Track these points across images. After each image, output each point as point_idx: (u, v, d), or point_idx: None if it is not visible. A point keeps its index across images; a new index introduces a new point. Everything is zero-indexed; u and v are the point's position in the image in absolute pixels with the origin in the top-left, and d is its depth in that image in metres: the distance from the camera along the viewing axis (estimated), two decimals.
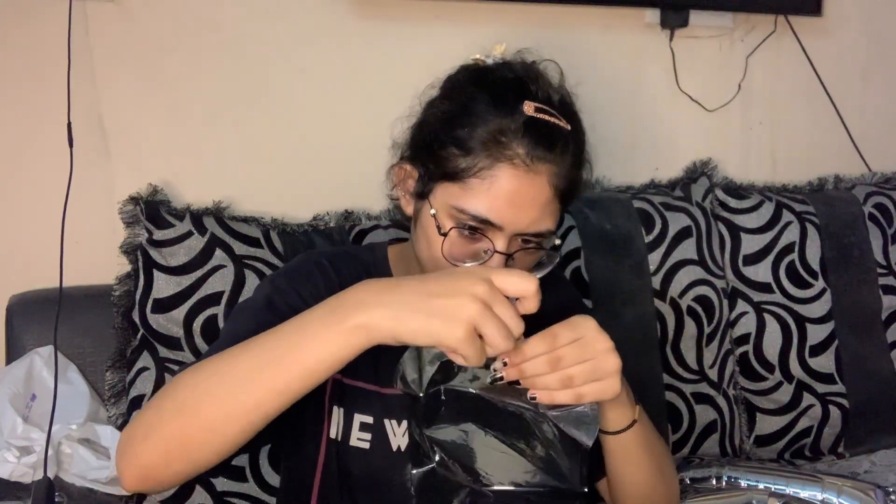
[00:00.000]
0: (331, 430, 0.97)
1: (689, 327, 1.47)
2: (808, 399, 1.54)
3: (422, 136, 0.95)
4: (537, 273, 0.88)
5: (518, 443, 0.79)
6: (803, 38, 1.69)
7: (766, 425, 1.54)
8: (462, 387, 0.79)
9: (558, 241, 0.94)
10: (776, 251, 1.54)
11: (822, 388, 1.54)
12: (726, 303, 1.51)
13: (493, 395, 0.80)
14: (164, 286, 1.21)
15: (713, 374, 1.48)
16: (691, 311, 1.47)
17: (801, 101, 1.74)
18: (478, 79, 0.93)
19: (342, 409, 0.97)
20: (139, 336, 1.22)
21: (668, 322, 1.46)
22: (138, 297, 1.21)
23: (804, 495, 1.26)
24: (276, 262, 1.27)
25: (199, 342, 1.21)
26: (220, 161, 1.37)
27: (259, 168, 1.39)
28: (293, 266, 1.03)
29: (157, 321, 1.21)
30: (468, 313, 0.68)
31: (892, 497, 1.25)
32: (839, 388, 1.55)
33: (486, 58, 0.97)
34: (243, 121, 1.38)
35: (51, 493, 1.06)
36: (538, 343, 0.76)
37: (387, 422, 0.96)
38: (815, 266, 1.56)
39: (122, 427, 1.19)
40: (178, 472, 0.75)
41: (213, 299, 1.22)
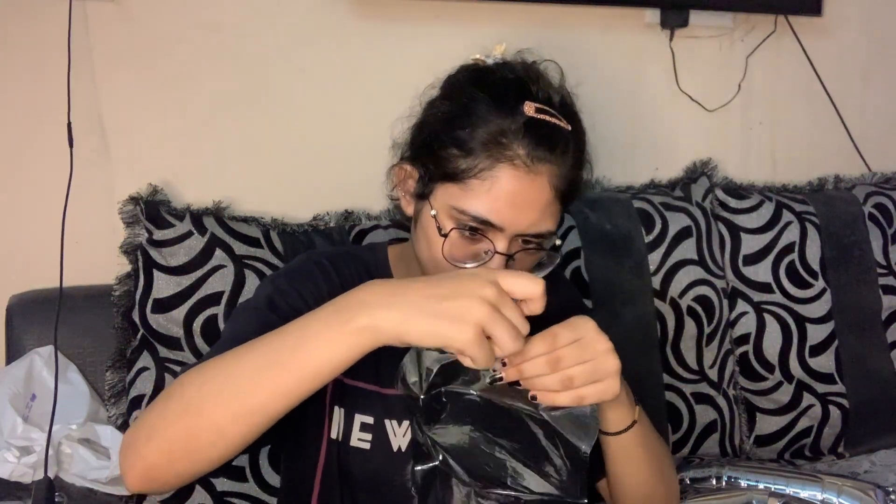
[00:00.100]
0: (331, 430, 0.97)
1: (689, 327, 1.47)
2: (808, 399, 1.54)
3: (422, 136, 0.95)
4: (538, 273, 0.88)
5: (518, 448, 0.79)
6: (803, 38, 1.69)
7: (766, 425, 1.54)
8: (462, 389, 0.79)
9: (559, 241, 0.94)
10: (776, 251, 1.54)
11: (822, 388, 1.54)
12: (726, 303, 1.51)
13: (494, 395, 0.80)
14: (164, 286, 1.21)
15: (713, 374, 1.48)
16: (691, 311, 1.47)
17: (801, 101, 1.74)
18: (478, 79, 0.93)
19: (343, 410, 0.97)
20: (139, 336, 1.22)
21: (668, 322, 1.46)
22: (138, 297, 1.21)
23: (804, 495, 1.26)
24: (276, 262, 1.27)
25: (199, 342, 1.21)
26: (220, 161, 1.37)
27: (259, 168, 1.39)
28: (294, 266, 1.03)
29: (157, 321, 1.21)
30: (477, 315, 0.68)
31: (892, 497, 1.25)
32: (839, 388, 1.55)
33: (487, 58, 0.96)
34: (243, 121, 1.38)
35: (51, 492, 1.06)
36: (538, 344, 0.76)
37: (387, 422, 0.96)
38: (815, 266, 1.56)
39: (123, 427, 1.20)
40: (182, 473, 0.75)
41: (213, 299, 1.22)
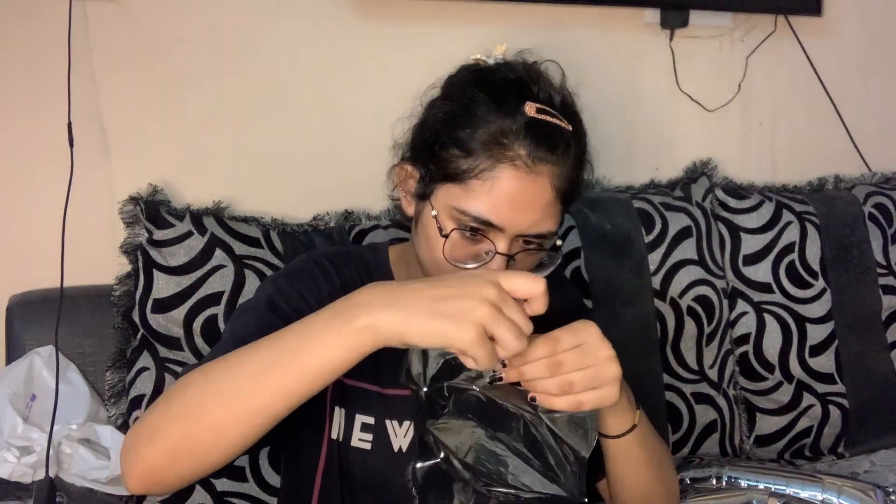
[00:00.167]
0: (332, 430, 0.97)
1: (689, 327, 1.47)
2: (808, 399, 1.54)
3: (423, 136, 0.95)
4: (539, 274, 0.87)
5: (519, 447, 0.79)
6: (803, 38, 1.68)
7: (766, 425, 1.54)
8: (465, 385, 0.79)
9: (559, 241, 0.94)
10: (776, 251, 1.54)
11: (822, 388, 1.54)
12: (726, 303, 1.51)
13: (494, 394, 0.80)
14: (164, 286, 1.21)
15: (713, 374, 1.48)
16: (691, 311, 1.47)
17: (801, 101, 1.74)
18: (479, 79, 0.93)
19: (343, 410, 0.97)
20: (139, 336, 1.21)
21: (668, 322, 1.46)
22: (138, 297, 1.21)
23: (804, 495, 1.26)
24: (276, 262, 1.27)
25: (199, 342, 1.21)
26: (220, 161, 1.37)
27: (259, 168, 1.39)
28: (294, 266, 1.03)
29: (157, 321, 1.21)
30: (479, 316, 0.68)
31: (892, 497, 1.25)
32: (839, 388, 1.55)
33: (488, 58, 0.96)
34: (243, 120, 1.38)
35: (53, 492, 1.07)
36: (539, 346, 0.76)
37: (388, 422, 0.96)
38: (815, 266, 1.56)
39: (123, 427, 1.20)
40: (184, 474, 0.75)
41: (213, 299, 1.22)
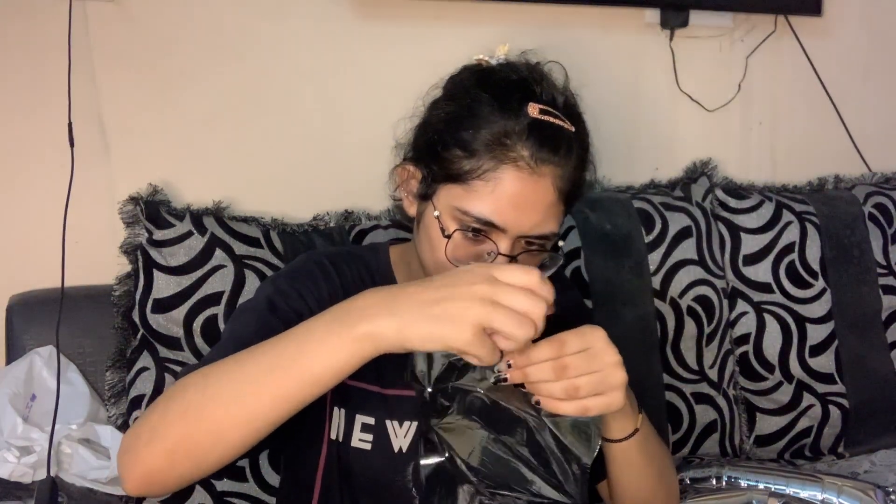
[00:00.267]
0: (332, 430, 0.97)
1: (689, 327, 1.47)
2: (808, 399, 1.54)
3: (425, 137, 0.95)
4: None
5: (522, 451, 0.79)
6: (803, 38, 1.69)
7: (766, 425, 1.54)
8: (469, 386, 0.79)
9: (561, 242, 0.94)
10: (776, 251, 1.54)
11: (822, 388, 1.54)
12: (726, 303, 1.51)
13: (499, 396, 0.79)
14: (164, 286, 1.21)
15: (713, 374, 1.48)
16: (691, 311, 1.47)
17: (801, 101, 1.74)
18: (481, 80, 0.93)
19: (344, 410, 0.96)
20: (139, 336, 1.21)
21: (668, 322, 1.46)
22: (138, 297, 1.21)
23: (804, 495, 1.26)
24: (276, 262, 1.27)
25: (199, 342, 1.21)
26: (220, 161, 1.37)
27: (259, 168, 1.39)
28: (294, 266, 1.02)
29: (157, 321, 1.20)
30: (473, 315, 0.67)
31: (892, 497, 1.26)
32: (839, 388, 1.55)
33: (490, 58, 0.96)
34: (243, 121, 1.37)
35: (54, 492, 1.06)
36: (545, 348, 0.75)
37: (388, 423, 0.96)
38: (815, 266, 1.56)
39: (123, 427, 1.19)
40: (183, 476, 0.74)
41: (213, 299, 1.21)
